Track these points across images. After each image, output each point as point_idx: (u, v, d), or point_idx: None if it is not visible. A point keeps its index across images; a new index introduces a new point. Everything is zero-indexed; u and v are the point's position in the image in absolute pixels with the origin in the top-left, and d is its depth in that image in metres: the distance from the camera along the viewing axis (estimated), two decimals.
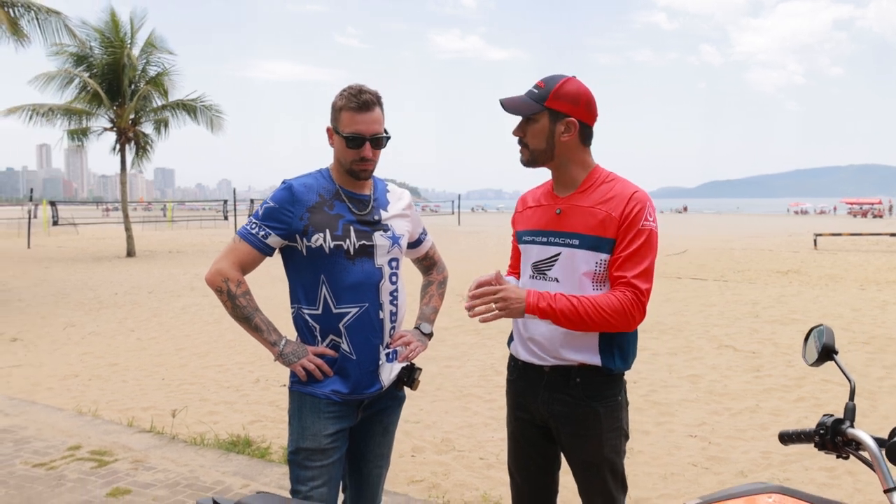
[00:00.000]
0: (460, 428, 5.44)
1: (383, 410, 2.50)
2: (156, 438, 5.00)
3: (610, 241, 2.19)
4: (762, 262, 19.12)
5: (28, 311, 11.47)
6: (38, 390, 6.50)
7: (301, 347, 2.35)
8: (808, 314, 10.54)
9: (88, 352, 8.34)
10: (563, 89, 2.21)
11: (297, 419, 2.36)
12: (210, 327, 9.83)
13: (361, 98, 2.30)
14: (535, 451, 2.41)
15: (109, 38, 21.52)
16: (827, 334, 1.80)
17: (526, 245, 2.38)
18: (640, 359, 7.63)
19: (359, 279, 2.33)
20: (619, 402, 2.30)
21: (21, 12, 13.82)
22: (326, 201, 2.35)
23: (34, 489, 4.07)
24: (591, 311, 2.12)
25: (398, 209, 2.50)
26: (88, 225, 40.19)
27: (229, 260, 2.33)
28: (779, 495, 1.44)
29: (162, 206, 68.86)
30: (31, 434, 5.08)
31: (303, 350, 2.34)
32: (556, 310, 2.13)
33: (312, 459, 2.30)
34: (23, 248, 25.53)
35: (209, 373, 7.24)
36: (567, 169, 2.29)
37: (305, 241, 2.31)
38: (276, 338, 2.35)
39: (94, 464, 4.48)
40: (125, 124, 22.43)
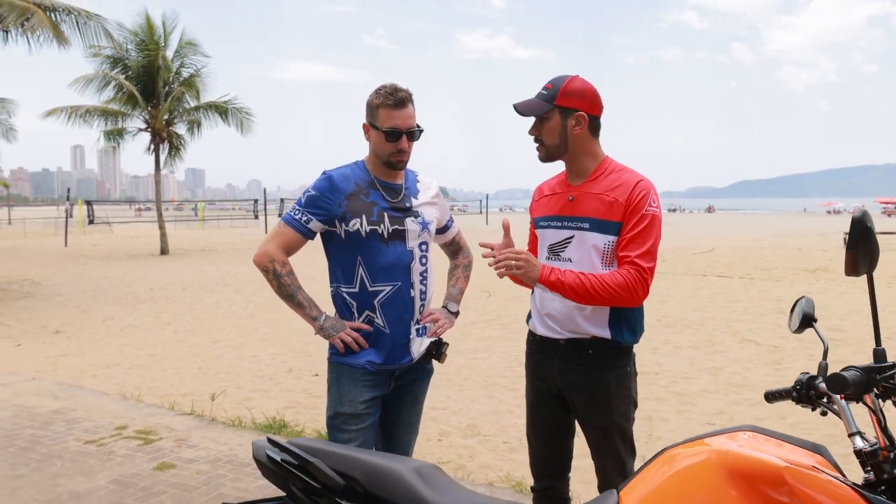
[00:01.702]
0: (485, 414, 5.64)
1: (413, 381, 2.73)
2: (196, 420, 5.29)
3: (617, 224, 2.41)
4: (790, 261, 19.05)
5: (68, 306, 11.90)
6: (82, 377, 6.83)
7: (339, 322, 2.60)
8: (833, 311, 10.56)
9: (128, 343, 8.68)
10: (569, 87, 2.44)
11: (335, 387, 2.60)
12: (243, 321, 10.14)
13: (398, 96, 2.55)
14: (551, 419, 2.62)
15: (144, 41, 22.08)
16: (808, 304, 1.99)
17: (542, 230, 2.60)
18: (662, 352, 7.84)
19: (392, 260, 2.57)
20: (628, 372, 2.52)
21: (62, 17, 14.29)
22: (363, 189, 2.60)
23: (87, 462, 4.39)
24: (598, 286, 2.33)
25: (427, 197, 2.74)
26: (122, 224, 41.07)
27: (275, 243, 2.58)
28: (753, 432, 1.64)
29: (193, 206, 69.96)
30: (80, 415, 5.41)
31: (341, 324, 2.59)
32: (565, 283, 2.35)
33: (349, 423, 2.55)
34: (60, 247, 26.23)
35: (244, 363, 7.52)
36: (579, 160, 2.51)
37: (344, 226, 2.56)
38: (317, 313, 2.60)
39: (140, 442, 4.78)
40: (159, 125, 22.98)
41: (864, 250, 1.75)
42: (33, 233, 36.54)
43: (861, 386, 1.64)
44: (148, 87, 22.39)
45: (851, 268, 1.79)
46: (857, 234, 1.74)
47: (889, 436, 1.61)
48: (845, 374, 1.64)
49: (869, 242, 1.74)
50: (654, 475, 1.66)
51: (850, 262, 1.78)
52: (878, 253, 1.76)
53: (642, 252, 2.37)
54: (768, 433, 1.63)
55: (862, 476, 1.61)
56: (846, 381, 1.62)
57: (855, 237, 1.75)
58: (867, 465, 1.58)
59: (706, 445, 1.62)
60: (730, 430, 1.66)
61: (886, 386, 1.67)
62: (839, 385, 1.63)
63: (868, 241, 1.74)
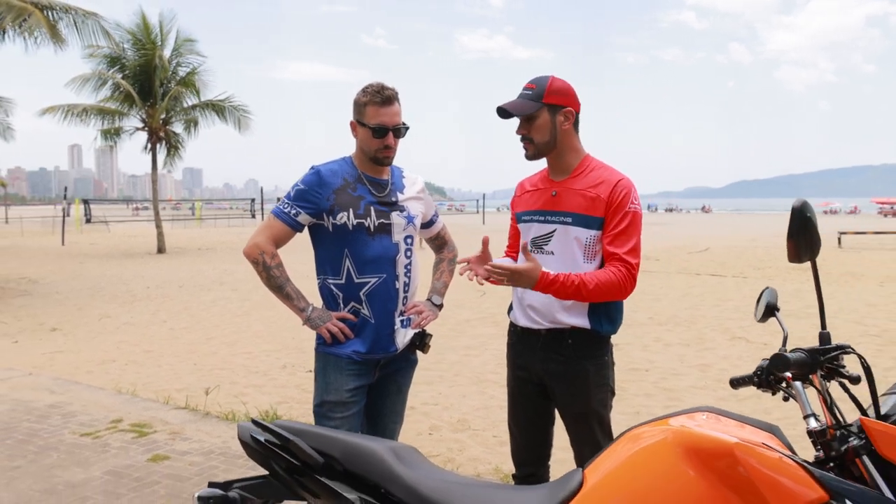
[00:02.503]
0: (476, 409, 5.73)
1: (398, 371, 2.83)
2: (190, 414, 5.37)
3: (599, 220, 2.52)
4: (782, 260, 19.11)
5: (66, 304, 11.96)
6: (79, 373, 6.91)
7: (325, 313, 2.69)
8: None
9: (124, 340, 8.75)
10: (553, 86, 2.54)
11: (322, 376, 2.70)
12: (238, 319, 10.21)
13: (384, 94, 2.65)
14: (531, 408, 2.71)
15: (141, 40, 22.14)
16: (771, 295, 2.08)
17: (526, 224, 2.70)
18: (653, 349, 7.93)
19: (378, 253, 2.67)
20: (606, 361, 2.62)
21: (60, 15, 14.34)
22: (350, 184, 2.69)
23: (82, 454, 4.47)
24: (593, 287, 2.42)
25: (413, 192, 2.84)
26: (120, 223, 41.09)
27: (265, 235, 2.68)
28: (711, 413, 1.74)
29: (191, 205, 70.01)
30: (76, 409, 5.48)
31: (327, 315, 2.68)
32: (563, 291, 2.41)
33: (335, 411, 2.64)
34: (58, 245, 26.27)
35: (238, 359, 7.60)
36: (564, 156, 2.62)
37: (331, 219, 2.65)
38: (304, 304, 2.69)
39: (134, 434, 4.86)
40: (156, 124, 23.04)
41: (805, 238, 1.84)
42: (31, 232, 36.56)
43: (805, 367, 1.74)
44: (145, 87, 22.44)
45: (794, 255, 1.88)
46: (798, 222, 1.83)
47: (835, 415, 1.70)
48: (787, 354, 1.73)
49: (809, 231, 1.83)
50: (617, 454, 1.75)
51: (792, 249, 1.87)
52: (820, 241, 1.85)
53: (629, 249, 2.49)
54: (726, 414, 1.73)
55: (814, 454, 1.70)
56: (788, 361, 1.71)
57: (795, 226, 1.84)
58: (817, 444, 1.67)
59: (666, 425, 1.71)
60: (689, 411, 1.76)
61: (830, 367, 1.77)
62: (780, 364, 1.73)
63: (808, 229, 1.83)
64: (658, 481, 1.63)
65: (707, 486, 1.58)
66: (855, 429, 1.66)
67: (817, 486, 1.53)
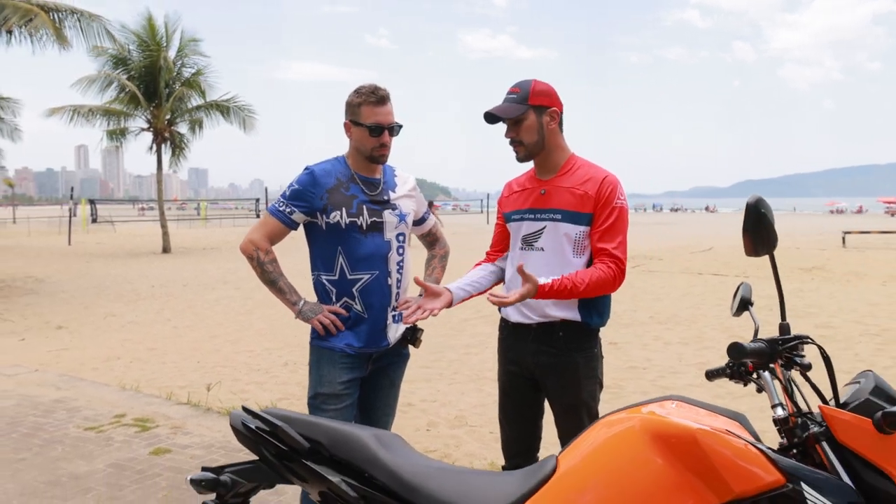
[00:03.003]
0: (474, 406, 5.80)
1: (390, 365, 2.91)
2: (192, 409, 5.46)
3: (587, 216, 2.62)
4: (787, 260, 19.11)
5: (71, 302, 12.09)
6: (84, 370, 7.01)
7: (317, 306, 2.78)
8: (824, 308, 10.70)
9: (128, 338, 8.85)
10: (537, 88, 2.64)
11: (315, 369, 2.78)
12: (242, 317, 10.31)
13: (378, 94, 2.74)
14: (522, 401, 2.79)
15: (146, 42, 22.28)
16: (746, 290, 2.16)
17: (516, 222, 2.78)
18: (652, 347, 7.99)
19: (370, 251, 2.75)
20: (596, 353, 2.71)
21: (64, 15, 14.47)
22: (343, 183, 2.78)
23: (86, 447, 4.57)
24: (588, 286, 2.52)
25: (405, 190, 2.92)
26: (125, 223, 41.28)
27: (260, 232, 2.79)
28: (680, 401, 1.81)
29: (196, 205, 70.24)
30: (81, 404, 5.59)
31: (319, 308, 2.77)
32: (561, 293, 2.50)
33: (328, 403, 2.72)
34: (64, 245, 26.45)
35: (241, 357, 7.69)
36: (552, 155, 2.71)
37: (325, 218, 2.74)
38: (297, 298, 2.78)
39: (137, 429, 4.95)
40: (161, 125, 23.18)
41: (761, 233, 1.92)
42: (37, 232, 36.79)
43: (764, 356, 1.82)
44: (150, 88, 22.58)
45: (751, 249, 1.97)
46: (752, 218, 1.91)
47: (796, 403, 1.78)
48: (743, 343, 1.81)
49: (764, 226, 1.91)
50: (589, 440, 1.83)
51: (749, 244, 1.96)
52: (776, 235, 1.92)
53: (618, 244, 2.61)
54: (694, 402, 1.81)
55: (778, 442, 1.78)
56: (743, 349, 1.79)
57: (750, 221, 1.92)
58: (781, 431, 1.75)
59: (636, 412, 1.79)
60: (660, 399, 1.84)
61: (789, 357, 1.84)
62: (736, 352, 1.81)
63: (763, 224, 1.91)
64: (626, 466, 1.71)
65: (672, 469, 1.66)
66: (815, 416, 1.74)
67: (775, 470, 1.60)
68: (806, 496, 1.57)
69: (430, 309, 2.64)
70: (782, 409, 1.76)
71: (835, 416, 1.66)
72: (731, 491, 1.61)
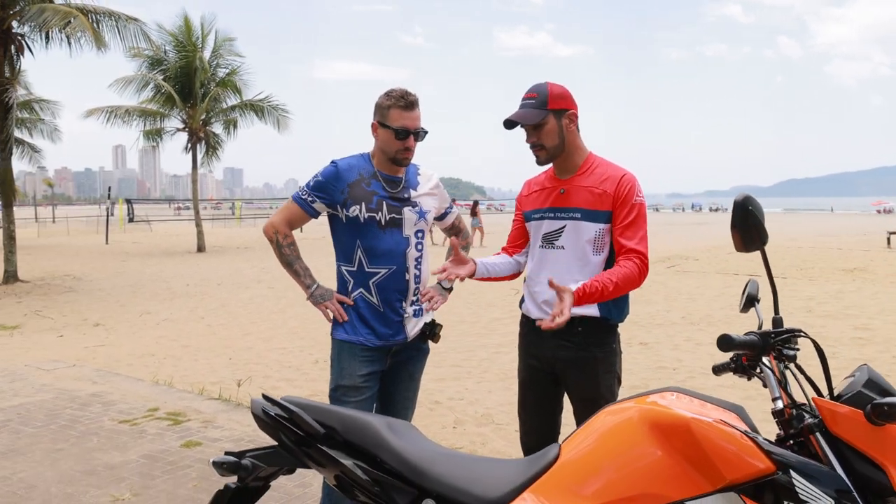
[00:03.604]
0: (501, 405, 5.79)
1: (409, 359, 2.95)
2: (223, 405, 5.55)
3: (606, 213, 2.65)
4: (828, 261, 18.76)
5: (108, 300, 12.35)
6: (119, 366, 7.15)
7: (328, 291, 2.87)
8: (864, 309, 10.48)
9: (163, 335, 9.02)
10: (554, 91, 2.67)
11: (336, 362, 2.84)
12: (274, 316, 10.44)
13: (408, 99, 2.80)
14: (542, 394, 2.82)
15: (182, 43, 22.67)
16: (752, 286, 2.16)
17: (536, 221, 2.81)
18: (683, 348, 7.91)
19: (389, 246, 2.81)
20: (614, 349, 2.72)
21: (102, 17, 14.78)
22: (365, 179, 2.84)
23: (120, 439, 4.69)
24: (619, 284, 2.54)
25: (427, 188, 2.97)
26: (161, 222, 42.01)
27: (281, 216, 2.89)
28: (679, 393, 1.85)
29: (231, 205, 71.26)
30: (115, 398, 5.72)
31: (329, 294, 2.86)
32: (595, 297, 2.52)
33: (348, 395, 2.78)
34: (101, 244, 27.02)
35: (272, 354, 7.79)
36: (571, 156, 2.74)
37: (345, 211, 2.81)
38: (310, 281, 2.88)
39: (170, 422, 5.05)
40: (196, 125, 23.55)
41: (750, 230, 1.97)
42: (76, 231, 37.62)
43: (755, 348, 1.85)
44: (185, 88, 22.96)
45: (741, 245, 2.02)
46: (740, 215, 1.97)
47: (790, 395, 1.81)
48: (733, 335, 1.83)
49: (752, 223, 1.96)
50: (591, 429, 1.89)
51: (738, 240, 2.01)
52: (766, 232, 1.97)
53: (639, 239, 2.63)
54: (693, 394, 1.85)
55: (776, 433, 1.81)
56: (732, 341, 1.82)
57: (738, 218, 1.97)
58: (778, 423, 1.78)
59: (636, 403, 1.85)
60: (661, 391, 1.88)
61: (781, 350, 1.87)
62: (725, 344, 1.83)
63: (750, 221, 1.96)
64: (624, 453, 1.77)
65: (667, 457, 1.72)
66: (810, 408, 1.77)
67: (765, 458, 1.66)
68: (795, 483, 1.62)
69: (457, 273, 2.72)
70: (781, 402, 1.79)
71: (828, 408, 1.71)
72: (723, 478, 1.67)
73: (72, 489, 3.85)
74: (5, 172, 14.93)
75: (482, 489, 1.85)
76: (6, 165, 14.98)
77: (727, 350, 1.84)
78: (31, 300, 12.38)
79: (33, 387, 6.10)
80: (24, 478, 4.02)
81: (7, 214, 14.65)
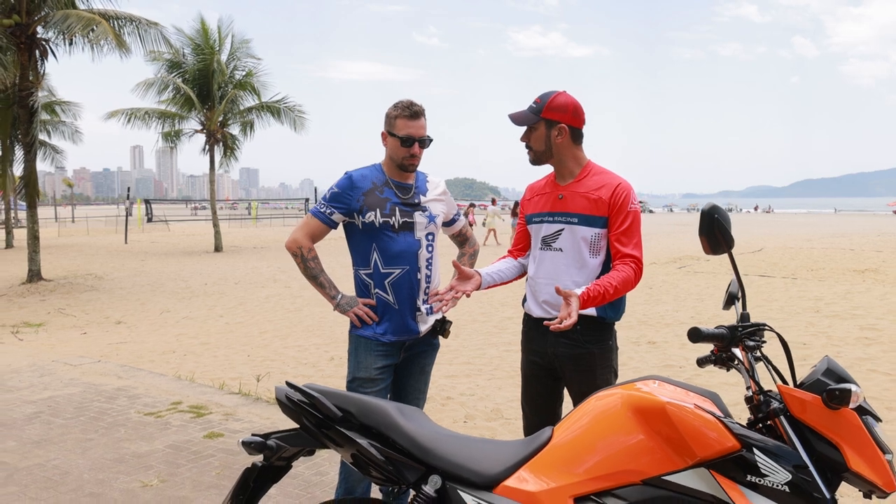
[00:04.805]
0: (510, 401, 5.99)
1: (421, 353, 3.17)
2: (243, 399, 5.79)
3: (602, 219, 2.84)
4: (840, 261, 18.79)
5: (129, 298, 12.65)
6: (142, 362, 7.42)
7: (353, 299, 3.08)
8: (871, 310, 10.57)
9: (183, 333, 9.29)
10: (554, 102, 2.85)
11: (353, 355, 3.06)
12: (291, 314, 10.69)
13: (413, 109, 3.03)
14: (543, 388, 3.01)
15: (200, 46, 23.03)
16: (733, 286, 2.36)
17: (536, 224, 3.01)
18: (690, 347, 8.09)
19: (402, 248, 3.03)
20: (611, 346, 2.91)
21: (123, 23, 15.13)
22: (378, 187, 3.06)
23: (146, 430, 4.94)
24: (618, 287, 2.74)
25: (435, 194, 3.19)
26: (179, 222, 42.49)
27: (303, 231, 3.09)
28: (660, 381, 2.07)
29: (247, 205, 71.83)
30: (140, 392, 5.98)
31: (354, 301, 3.07)
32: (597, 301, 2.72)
33: (364, 387, 2.99)
34: (120, 244, 27.45)
35: (289, 352, 8.02)
36: (564, 164, 2.94)
37: (361, 218, 3.03)
38: (335, 292, 3.08)
39: (192, 415, 5.30)
40: (214, 126, 23.90)
41: (715, 236, 2.21)
42: (95, 230, 38.17)
43: (723, 340, 2.08)
44: (203, 90, 23.33)
45: (709, 249, 2.26)
46: (706, 222, 2.21)
47: (758, 382, 2.02)
48: (701, 327, 2.05)
49: (718, 229, 2.19)
50: (580, 414, 2.11)
51: (706, 244, 2.26)
52: (731, 238, 2.20)
53: (634, 244, 2.84)
54: (673, 382, 2.06)
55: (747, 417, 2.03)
56: (699, 333, 2.05)
57: (705, 225, 2.22)
58: (749, 408, 2.00)
59: (621, 389, 2.07)
60: (644, 378, 2.10)
61: (747, 342, 2.08)
62: (694, 336, 2.06)
63: (717, 227, 2.19)
64: (609, 434, 2.00)
65: (646, 437, 1.95)
66: (776, 395, 1.98)
67: (732, 438, 1.89)
68: (757, 460, 1.86)
69: (463, 290, 2.91)
70: (750, 389, 2.01)
71: (790, 394, 1.93)
72: (695, 455, 1.89)
73: (103, 475, 4.10)
74: (30, 174, 15.29)
75: (483, 466, 2.08)
76: (31, 167, 15.34)
77: (695, 341, 2.06)
78: (55, 298, 12.72)
79: (62, 381, 6.37)
80: (58, 465, 4.28)
81: (31, 215, 15.00)
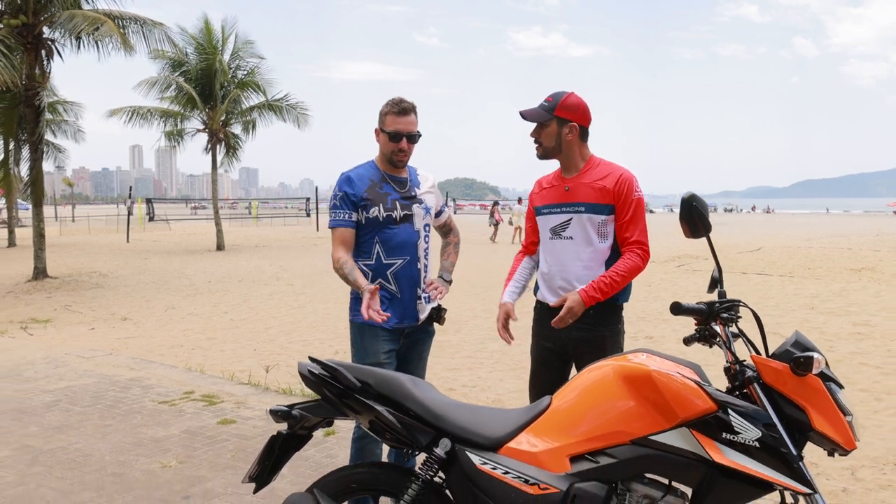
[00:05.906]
0: (511, 392, 6.17)
1: (418, 340, 3.34)
2: (252, 388, 5.98)
3: (608, 206, 3.05)
4: (837, 260, 18.95)
5: (134, 296, 12.84)
6: (151, 356, 7.59)
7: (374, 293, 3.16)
8: (865, 307, 10.75)
9: (189, 328, 9.47)
10: (567, 101, 3.06)
11: (359, 343, 3.21)
12: (294, 311, 10.86)
13: (401, 105, 3.21)
14: (552, 371, 3.20)
15: (203, 45, 23.19)
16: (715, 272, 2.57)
17: (545, 216, 3.20)
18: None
19: (403, 239, 3.21)
20: (620, 329, 3.13)
21: (128, 22, 15.30)
22: (376, 184, 3.23)
23: (162, 417, 5.12)
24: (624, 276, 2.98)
25: (427, 187, 3.38)
26: (179, 221, 42.64)
27: (336, 246, 3.19)
28: (649, 353, 2.30)
29: (248, 205, 72.01)
30: (153, 383, 6.16)
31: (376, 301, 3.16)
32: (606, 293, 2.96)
33: None
34: (122, 242, 27.59)
35: (294, 346, 8.21)
36: (571, 159, 3.14)
37: (365, 213, 3.19)
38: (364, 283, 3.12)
39: (205, 403, 5.49)
40: (216, 126, 24.06)
41: (694, 221, 2.46)
42: (96, 229, 38.31)
43: (702, 314, 2.31)
44: (206, 90, 23.48)
45: (689, 233, 2.51)
46: (686, 209, 2.47)
47: (734, 353, 2.26)
48: (682, 302, 2.31)
49: (697, 215, 2.45)
50: (576, 383, 2.35)
51: (686, 229, 2.51)
52: (709, 224, 2.47)
53: (639, 231, 3.06)
54: (659, 354, 2.30)
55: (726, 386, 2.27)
56: (680, 307, 2.31)
57: (685, 212, 2.47)
58: (727, 377, 2.25)
59: (612, 360, 2.32)
60: (634, 351, 2.34)
61: (724, 316, 2.32)
62: (675, 309, 2.32)
63: (695, 214, 2.45)
64: (601, 401, 2.25)
65: (634, 402, 2.19)
66: (750, 365, 2.23)
67: (709, 400, 2.13)
68: (731, 419, 2.11)
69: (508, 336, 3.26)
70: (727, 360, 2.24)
71: (762, 363, 2.19)
72: (676, 416, 2.14)
73: (123, 458, 4.28)
74: (37, 173, 15.45)
75: (488, 430, 2.31)
76: (38, 166, 15.50)
77: (677, 314, 2.31)
78: (61, 295, 12.90)
79: (76, 372, 6.55)
80: (80, 448, 4.46)
81: (37, 213, 15.17)
